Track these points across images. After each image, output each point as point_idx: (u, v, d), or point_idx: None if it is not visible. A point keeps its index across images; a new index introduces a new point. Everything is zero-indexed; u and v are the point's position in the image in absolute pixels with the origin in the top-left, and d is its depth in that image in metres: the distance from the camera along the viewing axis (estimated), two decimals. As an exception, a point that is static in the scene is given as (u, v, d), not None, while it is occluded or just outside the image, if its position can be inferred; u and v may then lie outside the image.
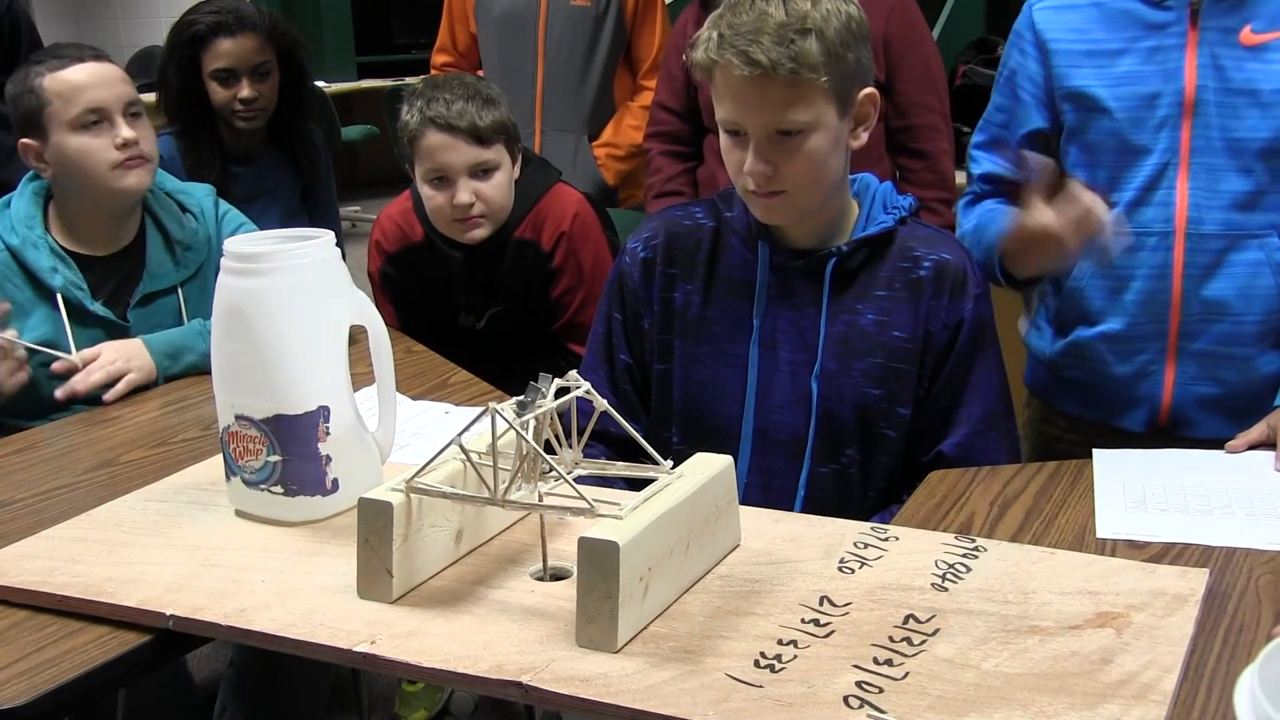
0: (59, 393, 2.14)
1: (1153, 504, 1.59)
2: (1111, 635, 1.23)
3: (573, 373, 1.42)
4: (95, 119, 2.22)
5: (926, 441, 1.81)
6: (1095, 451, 1.76)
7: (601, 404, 1.41)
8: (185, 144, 2.94)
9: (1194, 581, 1.34)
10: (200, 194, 2.47)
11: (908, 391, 1.78)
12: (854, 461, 1.80)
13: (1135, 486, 1.64)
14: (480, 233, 2.49)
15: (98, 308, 2.25)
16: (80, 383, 2.14)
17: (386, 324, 2.54)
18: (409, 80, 7.56)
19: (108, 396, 2.14)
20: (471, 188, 2.43)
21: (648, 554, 1.26)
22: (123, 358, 2.19)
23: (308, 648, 1.28)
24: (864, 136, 1.76)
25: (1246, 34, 1.86)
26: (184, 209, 2.41)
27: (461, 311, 2.61)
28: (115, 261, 2.31)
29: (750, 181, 1.70)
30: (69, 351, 2.18)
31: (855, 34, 1.67)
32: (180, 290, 2.35)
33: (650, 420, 1.91)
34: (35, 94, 2.23)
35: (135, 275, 2.31)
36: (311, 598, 1.37)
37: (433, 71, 3.68)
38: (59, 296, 2.22)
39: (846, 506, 1.77)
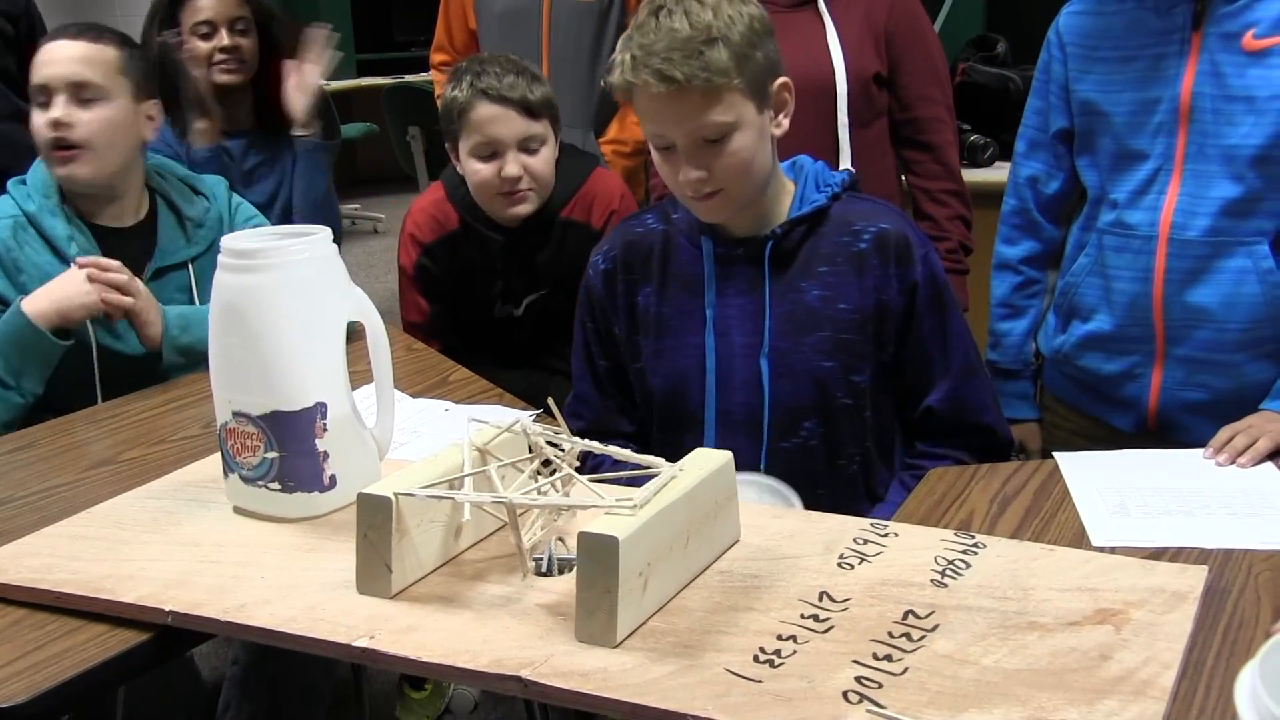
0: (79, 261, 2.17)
1: (1135, 509, 1.59)
2: (1110, 632, 1.23)
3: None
4: (42, 97, 2.22)
5: (913, 400, 1.87)
6: (1057, 455, 1.76)
7: (622, 453, 1.45)
8: (172, 116, 2.96)
9: (1193, 578, 1.34)
10: (212, 181, 2.49)
11: (861, 360, 1.83)
12: (815, 433, 1.85)
13: (1112, 491, 1.64)
14: (525, 208, 2.48)
15: None
16: (98, 269, 2.15)
17: (415, 320, 2.58)
18: (409, 78, 7.57)
19: (105, 296, 2.15)
20: (520, 161, 2.42)
21: (647, 549, 1.26)
22: (139, 293, 2.19)
23: (307, 643, 1.28)
24: (785, 123, 1.81)
25: (1249, 39, 1.87)
26: (196, 191, 2.42)
27: (498, 301, 2.60)
28: (128, 235, 2.31)
29: (688, 189, 1.76)
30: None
31: (759, 32, 1.73)
32: (191, 266, 2.37)
33: (642, 416, 1.98)
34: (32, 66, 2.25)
35: (148, 250, 2.32)
36: (310, 593, 1.37)
37: (432, 71, 3.68)
38: (74, 264, 2.22)
39: (814, 476, 1.83)
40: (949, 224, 2.70)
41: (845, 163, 2.62)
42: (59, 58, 2.23)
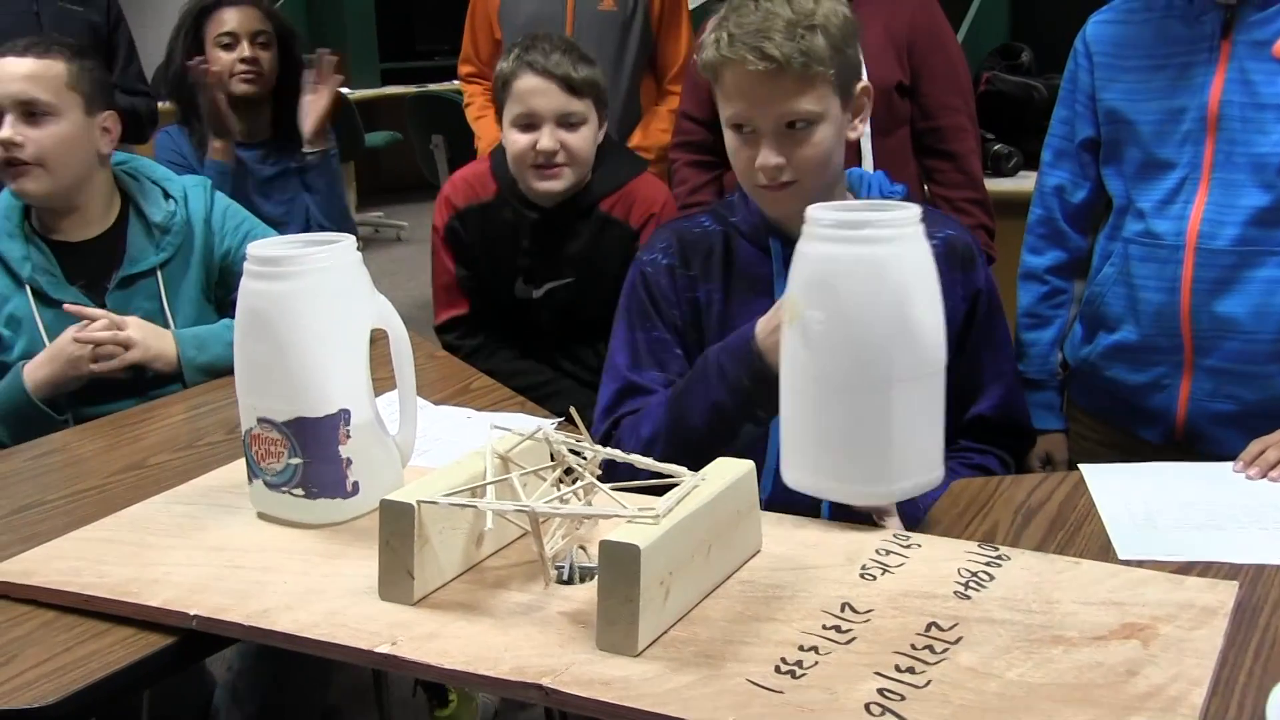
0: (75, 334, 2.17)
1: (1162, 522, 1.58)
2: (1138, 647, 1.22)
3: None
4: None
5: (962, 406, 1.85)
6: (1083, 468, 1.74)
7: (645, 461, 1.44)
8: (190, 127, 3.01)
9: (1223, 594, 1.33)
10: (188, 183, 2.48)
11: None
12: None
13: (1139, 505, 1.63)
14: (557, 185, 2.50)
15: (67, 293, 2.26)
16: (83, 332, 2.16)
17: (444, 280, 2.63)
18: (432, 87, 7.59)
19: (95, 367, 2.16)
20: (557, 136, 2.46)
21: (669, 558, 1.26)
22: (141, 335, 2.20)
23: (329, 648, 1.28)
24: (861, 128, 1.83)
25: (1279, 47, 1.85)
26: (167, 195, 2.42)
27: (520, 279, 2.60)
28: (95, 246, 2.32)
29: (761, 176, 1.75)
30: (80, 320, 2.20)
31: (852, 32, 1.75)
32: (160, 273, 2.36)
33: None
34: None
35: (115, 259, 2.33)
36: (333, 599, 1.37)
37: (459, 82, 3.69)
38: (28, 286, 2.24)
39: None
40: (971, 231, 2.70)
41: (867, 165, 2.62)
42: (5, 75, 2.22)
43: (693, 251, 1.88)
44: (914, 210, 1.44)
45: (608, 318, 2.56)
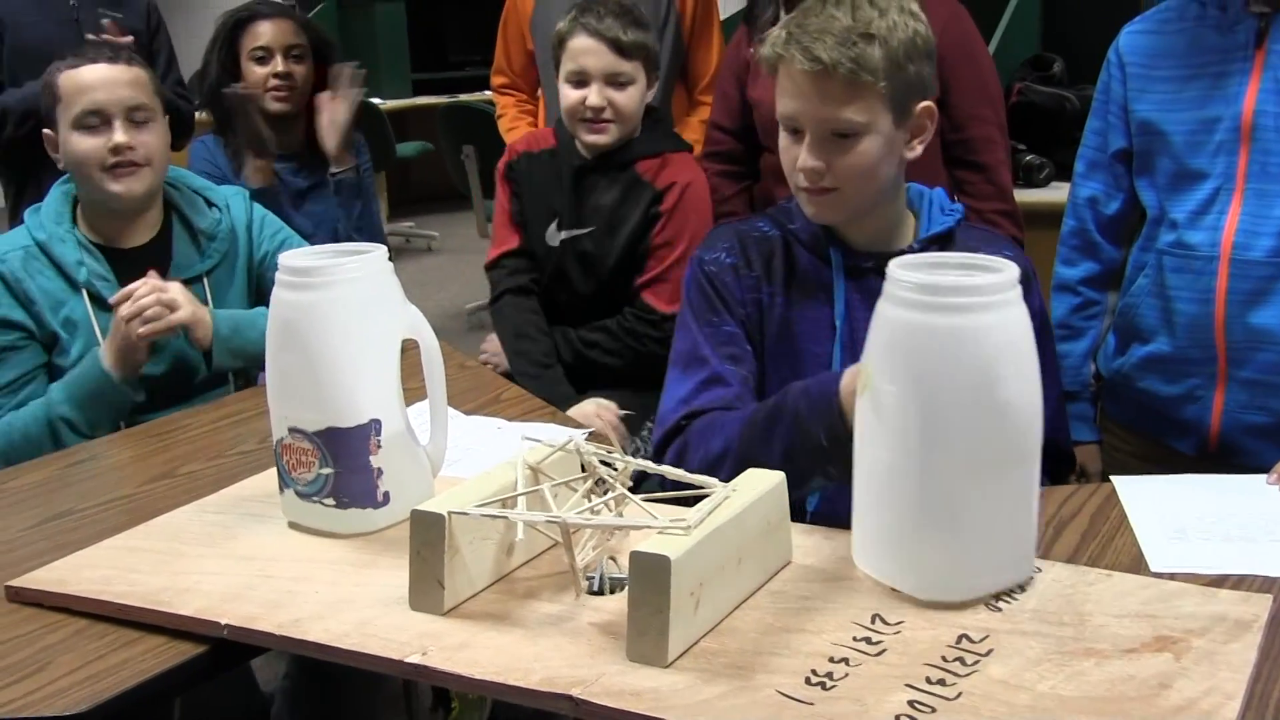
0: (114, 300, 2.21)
1: (1194, 534, 1.57)
2: (1170, 660, 1.21)
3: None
4: (94, 121, 2.29)
5: None
6: (1115, 480, 1.73)
7: (675, 472, 1.45)
8: (226, 138, 3.04)
9: (1257, 607, 1.32)
10: (228, 192, 2.53)
11: None
12: None
13: (1171, 517, 1.62)
14: (604, 138, 2.67)
15: None
16: (127, 298, 2.19)
17: (501, 217, 2.80)
18: (463, 98, 7.61)
19: (143, 330, 2.18)
20: (605, 94, 2.62)
21: (699, 569, 1.26)
22: (185, 298, 2.23)
23: (359, 658, 1.29)
24: (919, 149, 1.79)
25: None
26: (210, 204, 2.46)
27: (554, 224, 2.75)
28: (142, 253, 2.35)
29: (802, 178, 1.74)
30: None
31: (920, 50, 1.72)
32: (206, 280, 2.41)
33: None
34: (51, 89, 2.31)
35: (162, 266, 2.35)
36: (364, 609, 1.37)
37: (492, 93, 3.71)
38: (84, 290, 2.27)
39: None
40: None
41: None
42: (111, 82, 2.30)
43: (755, 252, 1.87)
44: (1010, 273, 1.31)
45: (622, 280, 2.68)
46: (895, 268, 1.33)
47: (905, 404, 1.31)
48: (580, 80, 2.64)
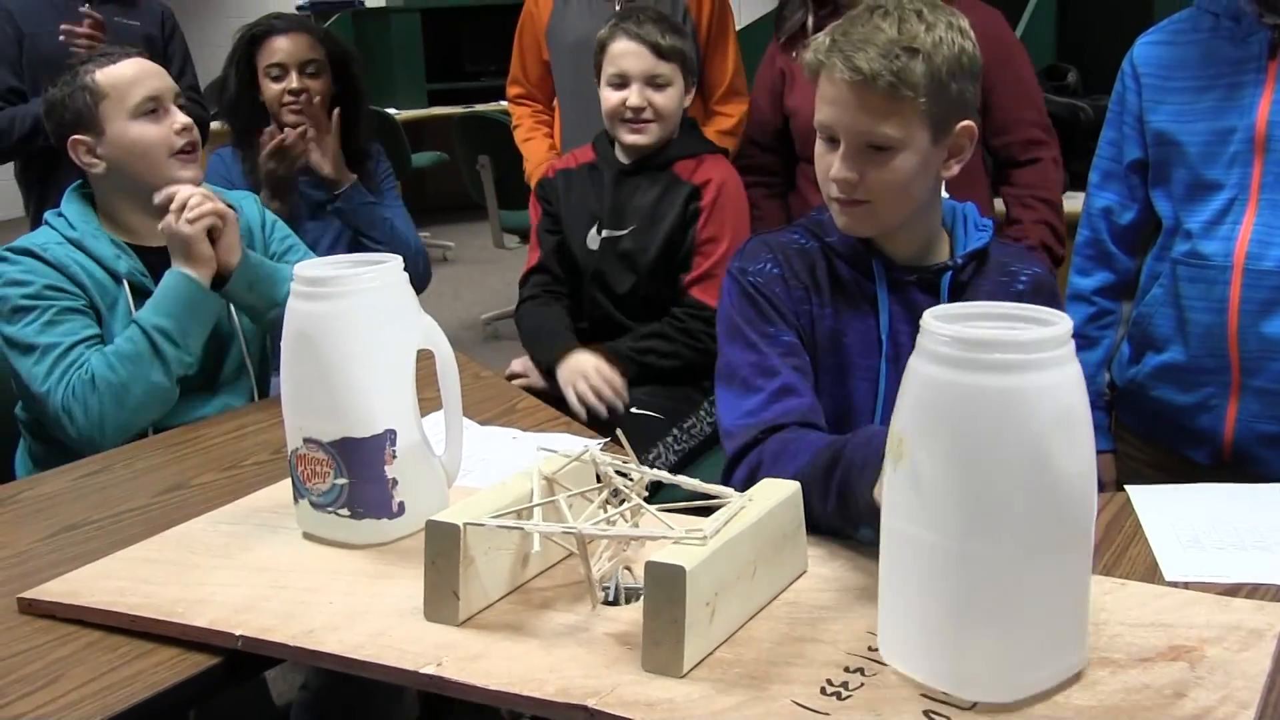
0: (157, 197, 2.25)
1: (1209, 543, 1.57)
2: (1185, 669, 1.21)
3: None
4: (153, 107, 2.31)
5: None
6: (1129, 489, 1.73)
7: (691, 482, 1.44)
8: (243, 152, 3.04)
9: (1271, 616, 1.31)
10: (239, 195, 2.55)
11: None
12: None
13: (1185, 526, 1.62)
14: (644, 139, 2.75)
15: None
16: (169, 199, 2.23)
17: (533, 221, 2.85)
18: (479, 108, 7.63)
19: (189, 215, 2.22)
20: (645, 94, 2.72)
21: (714, 579, 1.26)
22: (219, 202, 2.28)
23: (374, 669, 1.29)
24: (955, 169, 1.77)
25: None
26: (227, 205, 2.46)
27: (591, 229, 2.80)
28: (164, 252, 2.35)
29: (835, 188, 1.73)
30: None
31: (964, 68, 1.69)
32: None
33: None
34: (89, 90, 2.31)
35: None
36: (378, 619, 1.37)
37: (508, 104, 3.71)
38: (125, 282, 2.28)
39: None
40: (1033, 226, 2.70)
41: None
42: (152, 72, 2.36)
43: (798, 264, 1.84)
44: (1063, 326, 1.16)
45: (660, 276, 2.72)
46: (931, 319, 1.17)
47: (946, 477, 1.15)
48: (621, 82, 2.73)
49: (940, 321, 1.16)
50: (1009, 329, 1.18)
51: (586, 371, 2.61)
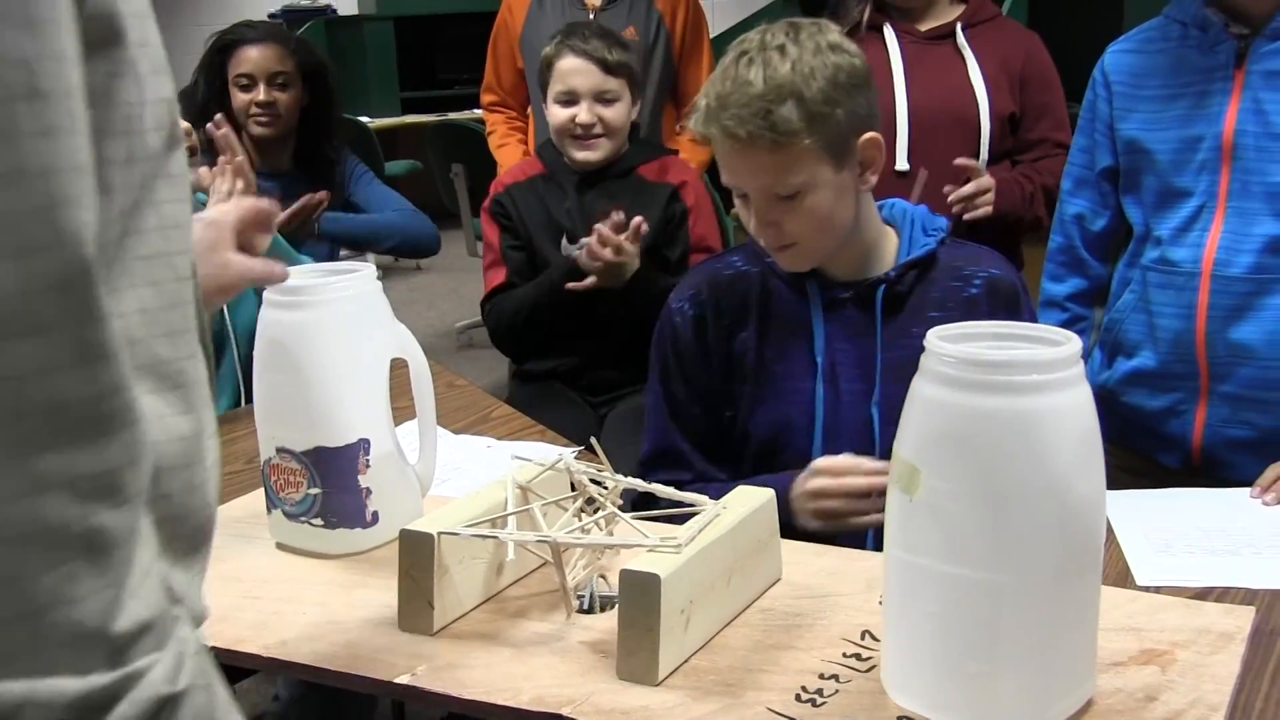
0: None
1: (1179, 547, 1.58)
2: (1156, 673, 1.22)
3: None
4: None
5: None
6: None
7: (666, 490, 1.45)
8: (212, 158, 3.03)
9: (1240, 619, 1.32)
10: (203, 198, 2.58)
11: None
12: None
13: (1156, 531, 1.63)
14: (595, 154, 2.76)
15: None
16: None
17: (490, 258, 2.83)
18: (452, 116, 7.62)
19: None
20: (594, 111, 2.73)
21: (689, 587, 1.26)
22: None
23: (349, 679, 1.29)
24: (873, 180, 1.76)
25: None
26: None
27: (564, 238, 2.79)
28: None
29: (762, 239, 1.75)
30: None
31: (845, 84, 1.67)
32: None
33: (729, 466, 1.89)
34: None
35: None
36: (353, 629, 1.37)
37: (482, 111, 3.72)
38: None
39: None
40: (1034, 177, 2.68)
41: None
42: None
43: (727, 296, 1.85)
44: (1073, 346, 1.12)
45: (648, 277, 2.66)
46: (937, 340, 1.13)
47: (969, 507, 1.10)
48: (569, 99, 2.73)
49: (951, 343, 1.12)
50: (1023, 350, 1.15)
51: (600, 240, 2.59)
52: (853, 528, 1.70)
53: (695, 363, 1.86)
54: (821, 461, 1.72)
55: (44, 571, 0.55)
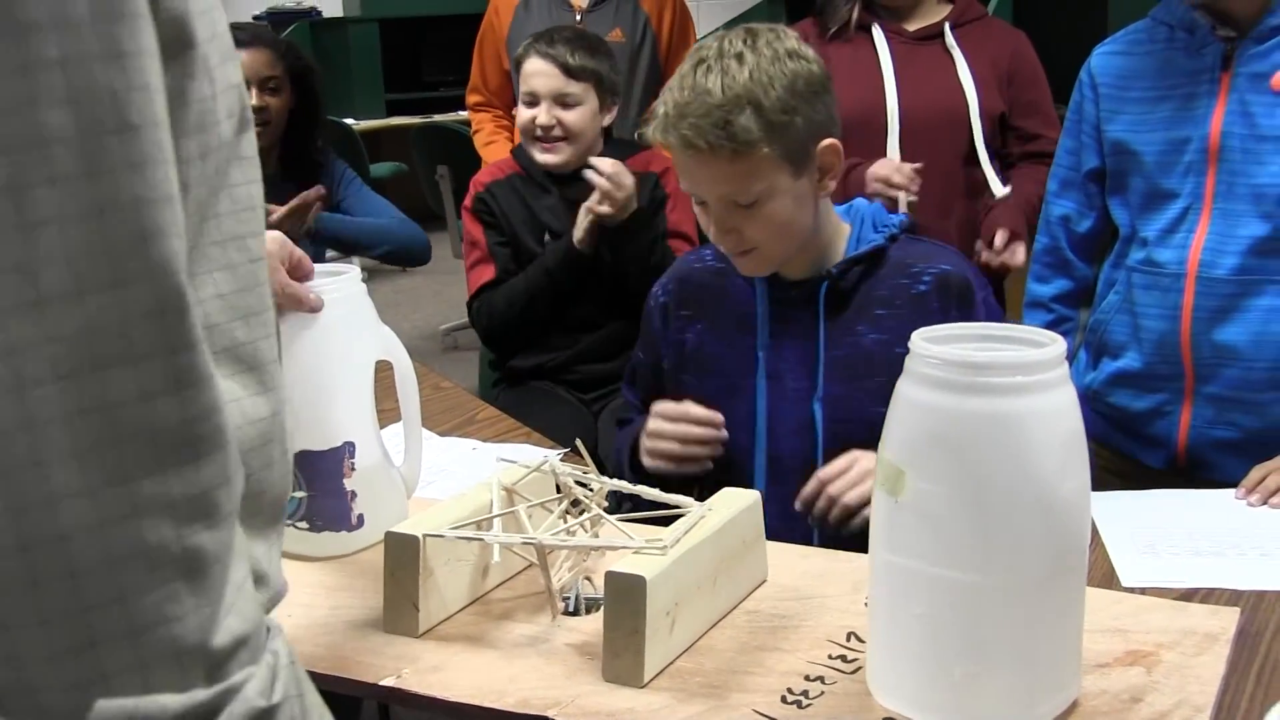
0: None
1: (1165, 549, 1.59)
2: (1141, 674, 1.22)
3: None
4: None
5: None
6: None
7: (651, 492, 1.44)
8: None
9: (1225, 620, 1.33)
10: None
11: None
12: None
13: (1141, 532, 1.64)
14: (554, 158, 2.78)
15: None
16: None
17: (474, 238, 2.84)
18: (437, 118, 7.62)
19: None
20: (554, 113, 2.74)
21: (675, 588, 1.26)
22: None
23: (334, 681, 1.28)
24: (832, 185, 1.77)
25: (1278, 79, 1.87)
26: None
27: (547, 233, 2.81)
28: None
29: (721, 245, 1.77)
30: None
31: (803, 91, 1.67)
32: None
33: None
34: None
35: None
36: (338, 632, 1.37)
37: (468, 112, 3.72)
38: None
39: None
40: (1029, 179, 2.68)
41: (999, 191, 2.62)
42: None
43: (689, 290, 1.90)
44: (1058, 347, 1.12)
45: (638, 268, 2.67)
46: (922, 342, 1.13)
47: (956, 509, 1.10)
48: (532, 101, 2.77)
49: (938, 345, 1.12)
50: (1009, 351, 1.14)
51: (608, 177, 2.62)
52: (683, 473, 1.80)
53: (657, 348, 1.94)
54: (659, 405, 1.82)
55: (146, 592, 0.57)
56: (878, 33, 2.66)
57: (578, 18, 3.41)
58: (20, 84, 0.54)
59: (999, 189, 2.63)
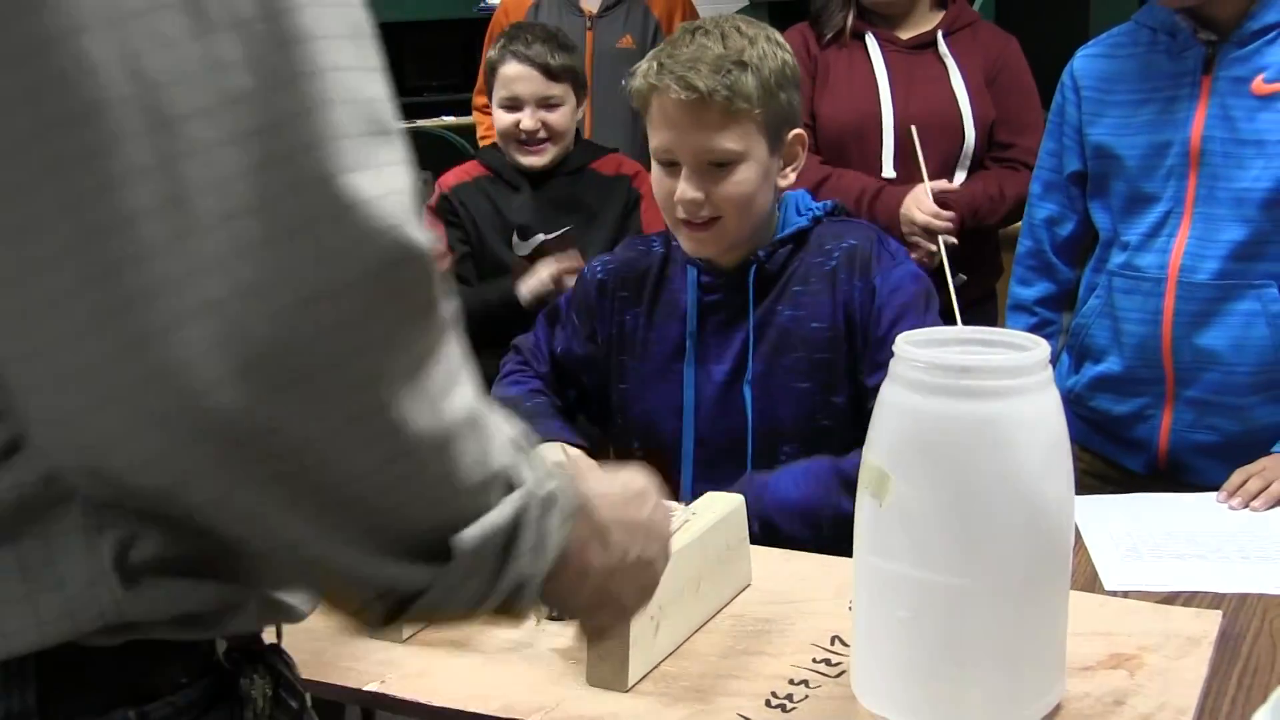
0: None
1: (1148, 552, 1.59)
2: (1124, 677, 1.22)
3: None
4: None
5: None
6: None
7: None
8: None
9: (1207, 623, 1.33)
10: None
11: (840, 380, 1.79)
12: (794, 456, 1.78)
13: (1123, 536, 1.64)
14: (539, 160, 2.75)
15: None
16: None
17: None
18: (421, 123, 7.60)
19: None
20: (538, 116, 2.72)
21: (659, 593, 1.25)
22: None
23: (318, 687, 1.28)
24: (792, 177, 1.82)
25: (1258, 84, 1.87)
26: None
27: (515, 235, 2.78)
28: None
29: (681, 210, 1.75)
30: None
31: (789, 78, 1.75)
32: None
33: (618, 434, 1.95)
34: None
35: None
36: (321, 637, 1.36)
37: (475, 114, 3.72)
38: None
39: None
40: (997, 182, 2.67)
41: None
42: None
43: (630, 273, 1.91)
44: (1041, 351, 1.12)
45: None
46: (906, 345, 1.13)
47: (939, 512, 1.11)
48: (513, 105, 2.74)
49: (920, 348, 1.12)
50: (991, 355, 1.15)
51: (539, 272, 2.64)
52: None
53: (593, 317, 1.92)
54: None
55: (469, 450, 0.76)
56: (872, 42, 2.66)
57: (587, 22, 3.42)
58: None
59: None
